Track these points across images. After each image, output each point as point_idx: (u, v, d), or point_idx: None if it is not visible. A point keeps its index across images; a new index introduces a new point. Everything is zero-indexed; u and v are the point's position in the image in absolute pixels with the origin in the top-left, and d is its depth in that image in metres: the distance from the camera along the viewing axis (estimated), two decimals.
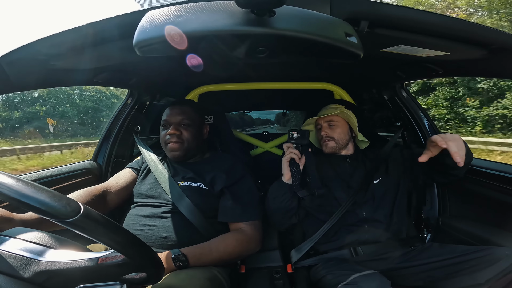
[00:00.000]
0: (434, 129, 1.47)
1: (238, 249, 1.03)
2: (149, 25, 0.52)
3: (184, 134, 1.16)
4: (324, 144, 1.29)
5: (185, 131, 1.16)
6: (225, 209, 1.10)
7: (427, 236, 1.41)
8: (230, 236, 1.05)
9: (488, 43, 0.80)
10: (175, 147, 1.15)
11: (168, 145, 1.16)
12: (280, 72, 1.58)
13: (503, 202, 1.10)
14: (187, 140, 1.16)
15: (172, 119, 1.16)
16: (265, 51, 0.62)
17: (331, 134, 1.28)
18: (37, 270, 0.48)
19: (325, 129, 1.29)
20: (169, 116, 1.17)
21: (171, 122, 1.16)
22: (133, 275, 0.52)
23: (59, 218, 0.42)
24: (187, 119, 1.16)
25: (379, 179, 1.23)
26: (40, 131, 15.62)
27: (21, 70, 0.80)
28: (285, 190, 1.16)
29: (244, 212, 1.10)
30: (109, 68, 1.12)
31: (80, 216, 0.43)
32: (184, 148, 1.16)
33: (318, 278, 1.09)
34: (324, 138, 1.29)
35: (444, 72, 1.13)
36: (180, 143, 1.15)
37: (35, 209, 0.41)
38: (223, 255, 0.99)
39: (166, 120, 1.18)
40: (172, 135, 1.14)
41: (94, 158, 1.51)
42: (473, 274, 0.88)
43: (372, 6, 0.70)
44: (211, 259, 0.97)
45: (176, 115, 1.16)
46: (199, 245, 0.97)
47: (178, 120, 1.16)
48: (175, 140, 1.14)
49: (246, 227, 1.08)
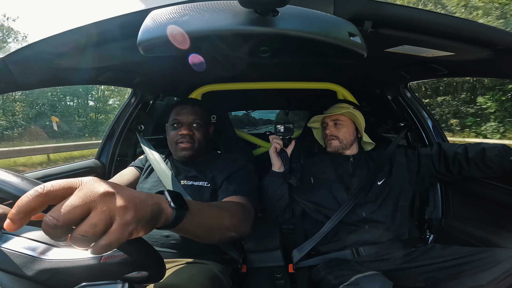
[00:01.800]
0: (438, 129, 1.46)
1: (238, 215, 0.85)
2: (153, 25, 0.52)
3: (196, 135, 1.15)
4: (328, 143, 1.29)
5: (197, 132, 1.16)
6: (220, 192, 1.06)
7: (429, 237, 1.40)
8: (229, 201, 0.93)
9: (494, 44, 0.79)
10: (187, 147, 1.14)
11: (179, 144, 1.15)
12: (283, 72, 1.58)
13: (506, 203, 1.09)
14: (199, 140, 1.16)
15: (184, 118, 1.15)
16: (268, 51, 0.62)
17: (336, 133, 1.28)
18: (40, 268, 0.48)
19: (330, 128, 1.29)
20: (181, 115, 1.16)
21: (183, 122, 1.15)
22: (135, 273, 0.52)
23: None
24: (199, 120, 1.16)
25: (382, 180, 1.23)
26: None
27: (26, 69, 0.81)
28: (275, 178, 1.22)
29: (239, 189, 1.03)
30: (112, 68, 1.12)
31: None
32: (195, 148, 1.15)
33: (319, 278, 1.09)
34: (329, 136, 1.29)
35: (449, 73, 1.12)
36: (191, 143, 1.14)
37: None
38: (223, 217, 0.76)
39: (177, 120, 1.16)
40: (185, 135, 1.13)
41: (97, 157, 1.52)
42: (475, 275, 0.87)
43: (376, 6, 0.69)
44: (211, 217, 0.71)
45: (189, 114, 1.15)
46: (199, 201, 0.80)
47: (190, 120, 1.15)
48: (187, 140, 1.14)
49: (241, 198, 0.98)
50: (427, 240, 1.40)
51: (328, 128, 1.29)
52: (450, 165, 1.17)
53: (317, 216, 1.23)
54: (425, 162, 1.23)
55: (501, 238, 1.06)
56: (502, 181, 1.11)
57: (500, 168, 1.04)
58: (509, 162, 1.01)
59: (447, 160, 1.18)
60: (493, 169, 1.06)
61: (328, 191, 1.23)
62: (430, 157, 1.22)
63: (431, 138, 1.43)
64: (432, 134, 1.44)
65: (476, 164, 1.09)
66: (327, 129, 1.30)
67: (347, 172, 1.27)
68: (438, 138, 1.43)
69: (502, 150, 1.04)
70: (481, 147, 1.09)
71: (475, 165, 1.10)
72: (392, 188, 1.21)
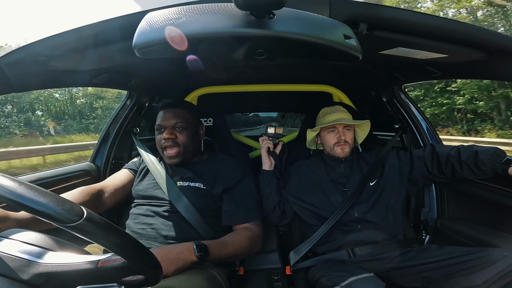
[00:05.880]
0: (432, 131, 1.48)
1: (249, 245, 1.06)
2: (149, 27, 0.52)
3: (179, 138, 1.15)
4: (340, 148, 1.26)
5: (180, 135, 1.15)
6: (228, 214, 1.12)
7: (425, 238, 1.41)
8: (241, 233, 1.08)
9: (487, 45, 0.80)
10: (172, 155, 1.14)
11: (165, 150, 1.15)
12: (279, 74, 1.58)
13: (501, 204, 1.10)
14: (183, 143, 1.15)
15: (166, 123, 1.15)
16: (264, 53, 0.62)
17: (346, 139, 1.27)
18: (36, 272, 0.47)
19: (343, 134, 1.27)
20: (163, 120, 1.16)
21: (165, 126, 1.15)
22: (130, 277, 0.51)
23: (63, 222, 0.42)
24: (181, 122, 1.15)
25: (375, 181, 1.23)
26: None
27: (20, 71, 0.80)
28: (264, 176, 1.28)
29: (248, 214, 1.13)
30: (108, 70, 1.12)
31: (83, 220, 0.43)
32: (180, 153, 1.15)
33: (315, 280, 1.09)
34: (341, 142, 1.26)
35: (443, 75, 1.13)
36: (176, 147, 1.14)
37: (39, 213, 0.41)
38: (237, 250, 1.02)
39: (160, 124, 1.16)
40: (167, 139, 1.13)
41: (92, 160, 1.50)
42: (471, 275, 0.88)
43: (371, 8, 0.70)
44: (227, 253, 0.99)
45: (170, 118, 1.15)
46: (215, 240, 1.00)
47: (172, 124, 1.15)
48: (170, 144, 1.14)
49: (251, 226, 1.12)
50: (423, 241, 1.40)
51: (341, 134, 1.27)
52: (442, 167, 1.18)
53: (313, 218, 1.23)
54: (417, 163, 1.24)
55: (496, 238, 1.07)
56: (497, 182, 1.12)
57: (492, 171, 1.06)
58: (500, 165, 1.03)
59: (439, 161, 1.19)
60: (485, 171, 1.07)
61: (322, 194, 1.23)
62: (422, 158, 1.23)
63: (425, 140, 1.45)
64: (427, 136, 1.45)
65: (469, 166, 1.11)
66: (339, 134, 1.27)
67: (340, 174, 1.27)
68: (432, 140, 1.45)
69: (494, 154, 1.06)
70: (474, 150, 1.11)
71: (467, 167, 1.11)
72: (384, 189, 1.22)
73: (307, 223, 1.27)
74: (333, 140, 1.28)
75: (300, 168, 1.34)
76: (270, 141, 1.29)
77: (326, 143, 1.30)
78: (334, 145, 1.27)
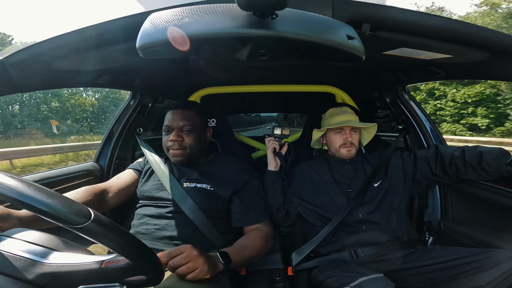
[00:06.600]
0: (436, 132, 1.47)
1: (263, 245, 1.08)
2: (152, 28, 0.52)
3: (186, 140, 1.14)
4: (347, 149, 1.26)
5: (187, 137, 1.14)
6: (240, 216, 1.13)
7: (429, 239, 1.40)
8: (253, 234, 1.10)
9: (491, 46, 0.80)
10: (177, 153, 1.14)
11: (170, 151, 1.15)
12: (282, 75, 1.58)
13: (505, 205, 1.09)
14: (190, 146, 1.15)
15: (173, 124, 1.14)
16: (267, 53, 0.62)
17: (353, 141, 1.27)
18: (40, 272, 0.48)
19: (350, 136, 1.27)
20: (171, 121, 1.15)
21: (173, 128, 1.14)
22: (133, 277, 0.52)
23: (71, 224, 0.42)
24: (189, 125, 1.14)
25: (379, 182, 1.23)
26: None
27: (25, 71, 0.81)
28: (270, 176, 1.28)
29: (258, 214, 1.15)
30: (112, 70, 1.12)
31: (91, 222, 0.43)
32: (186, 154, 1.15)
33: (318, 281, 1.09)
34: (348, 143, 1.26)
35: (447, 75, 1.13)
36: (182, 149, 1.14)
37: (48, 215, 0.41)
38: (253, 252, 1.03)
39: (167, 126, 1.16)
40: (174, 141, 1.13)
41: (96, 160, 1.51)
42: (474, 276, 0.88)
43: (374, 8, 0.70)
44: (245, 257, 1.00)
45: (178, 120, 1.14)
46: (231, 246, 1.01)
47: (180, 126, 1.14)
48: (177, 147, 1.13)
49: (262, 226, 1.14)
50: (426, 242, 1.39)
51: (348, 136, 1.27)
52: (447, 168, 1.17)
53: (316, 219, 1.23)
54: (421, 164, 1.23)
55: (500, 240, 1.07)
56: (500, 183, 1.11)
57: (496, 172, 1.05)
58: (505, 166, 1.02)
59: (443, 162, 1.18)
60: (490, 172, 1.07)
61: (326, 195, 1.23)
62: (426, 159, 1.23)
63: (429, 141, 1.44)
64: (430, 137, 1.45)
65: (473, 167, 1.10)
66: (346, 136, 1.27)
67: (344, 175, 1.27)
68: (436, 140, 1.44)
69: (499, 154, 1.05)
70: (478, 150, 1.10)
71: (471, 168, 1.10)
72: (388, 190, 1.21)
73: (310, 224, 1.27)
74: (339, 142, 1.27)
75: (303, 169, 1.34)
76: (277, 142, 1.30)
77: (332, 144, 1.30)
78: (340, 146, 1.27)
